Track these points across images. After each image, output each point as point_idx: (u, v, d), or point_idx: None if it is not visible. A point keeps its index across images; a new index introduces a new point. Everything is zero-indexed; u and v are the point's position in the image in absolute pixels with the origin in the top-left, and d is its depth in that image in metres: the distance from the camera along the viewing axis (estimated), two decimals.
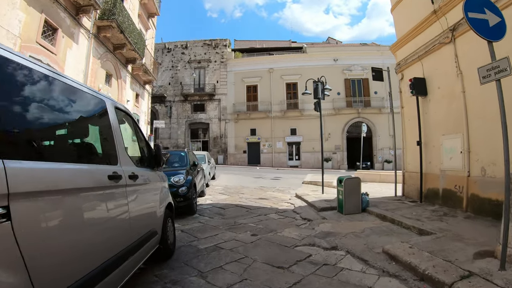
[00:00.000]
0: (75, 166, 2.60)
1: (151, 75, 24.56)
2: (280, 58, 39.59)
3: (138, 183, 3.85)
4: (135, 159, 4.16)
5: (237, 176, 21.24)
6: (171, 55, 41.36)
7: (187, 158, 9.97)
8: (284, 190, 14.51)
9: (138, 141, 4.69)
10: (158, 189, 4.82)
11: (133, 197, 3.63)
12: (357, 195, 8.89)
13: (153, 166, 4.77)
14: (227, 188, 14.65)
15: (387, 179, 19.19)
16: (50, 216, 2.14)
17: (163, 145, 39.16)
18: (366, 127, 29.57)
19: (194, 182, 9.18)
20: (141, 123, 24.85)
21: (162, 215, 4.80)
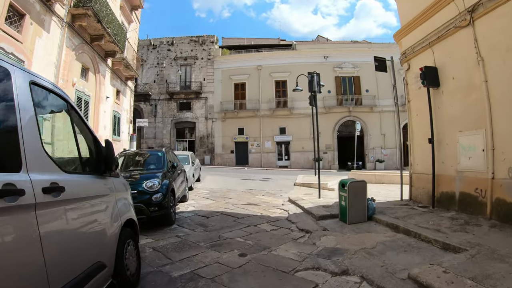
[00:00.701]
0: None
1: (133, 71, 23.12)
2: (269, 55, 38.35)
3: (66, 199, 2.50)
4: (65, 161, 2.83)
5: (224, 177, 19.90)
6: (157, 51, 39.85)
7: (165, 159, 8.62)
8: (275, 193, 13.22)
9: (82, 136, 3.33)
10: (109, 203, 3.46)
11: (52, 223, 2.31)
12: (362, 201, 7.65)
13: (103, 171, 3.43)
14: (212, 192, 13.31)
15: (384, 179, 18.15)
16: None
17: (148, 145, 37.74)
18: (360, 125, 28.43)
19: (172, 187, 7.85)
20: (123, 121, 23.43)
21: (114, 240, 3.43)
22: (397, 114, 11.50)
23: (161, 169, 8.17)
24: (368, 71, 36.32)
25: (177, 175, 9.09)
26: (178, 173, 9.40)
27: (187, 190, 11.00)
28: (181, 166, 10.85)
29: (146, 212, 6.81)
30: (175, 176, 8.78)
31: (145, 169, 8.32)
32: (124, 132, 23.73)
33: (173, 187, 7.95)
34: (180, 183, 9.39)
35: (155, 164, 8.59)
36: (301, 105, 35.29)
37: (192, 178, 14.04)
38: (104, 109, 19.36)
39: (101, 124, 18.60)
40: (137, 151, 10.14)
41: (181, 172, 10.16)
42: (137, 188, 6.92)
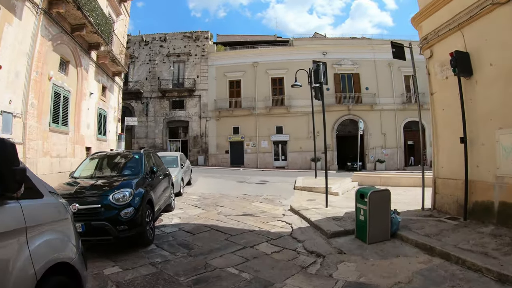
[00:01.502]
0: None
1: (121, 66, 21.55)
2: (265, 51, 36.91)
3: None
4: None
5: (217, 180, 18.39)
6: (149, 48, 38.25)
7: (142, 163, 7.11)
8: (273, 199, 11.71)
9: None
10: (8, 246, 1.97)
11: None
12: (385, 215, 6.19)
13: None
14: (203, 198, 11.79)
15: (390, 182, 16.78)
16: None
17: (140, 145, 36.16)
18: (363, 124, 27.07)
19: (149, 197, 6.36)
20: (110, 120, 21.90)
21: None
22: (419, 112, 10.02)
23: (137, 175, 6.69)
24: (368, 68, 35.25)
25: (158, 181, 7.59)
26: (160, 178, 7.91)
27: (172, 198, 9.51)
28: (165, 170, 9.35)
29: (112, 232, 5.35)
30: (156, 183, 7.29)
31: (116, 176, 6.81)
32: (111, 132, 22.20)
33: (150, 197, 6.46)
34: (162, 191, 7.90)
35: (130, 169, 7.09)
36: (299, 103, 33.96)
37: (181, 183, 12.55)
38: (88, 106, 17.84)
39: (83, 122, 17.07)
40: (112, 152, 8.55)
41: (165, 177, 8.66)
42: (101, 202, 5.49)
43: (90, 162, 7.68)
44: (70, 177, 7.30)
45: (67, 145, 15.23)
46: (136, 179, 6.37)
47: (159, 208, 7.44)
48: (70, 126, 15.59)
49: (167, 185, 8.76)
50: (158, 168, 8.02)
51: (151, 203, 6.48)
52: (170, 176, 9.61)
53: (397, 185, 16.07)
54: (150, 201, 6.43)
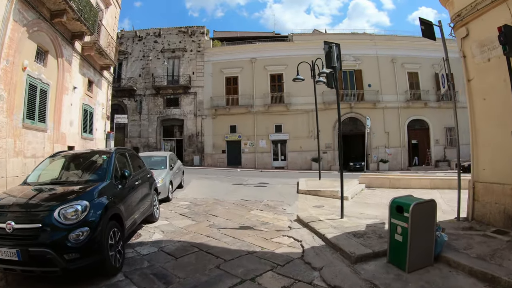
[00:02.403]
0: None
1: (109, 58, 19.97)
2: (263, 46, 35.43)
3: None
4: None
5: (212, 182, 16.83)
6: (142, 43, 36.67)
7: (110, 166, 5.52)
8: (275, 206, 10.14)
9: None
10: None
11: None
12: (429, 234, 4.65)
13: None
14: (194, 205, 10.23)
15: (400, 183, 15.38)
16: None
17: (132, 144, 34.61)
18: (370, 121, 25.61)
19: (115, 211, 4.82)
20: (97, 117, 20.35)
21: None
22: (454, 107, 8.48)
23: (100, 182, 5.11)
24: (371, 65, 33.92)
25: (133, 189, 6.00)
26: (136, 184, 6.34)
27: (156, 206, 7.95)
28: (148, 173, 7.80)
29: (57, 262, 3.81)
30: (128, 191, 5.74)
31: (75, 183, 5.22)
32: (98, 130, 20.64)
33: (118, 211, 4.89)
34: (139, 200, 6.33)
35: (95, 174, 5.49)
36: (299, 101, 32.54)
37: (170, 187, 10.99)
38: (71, 102, 16.29)
39: (65, 119, 15.51)
40: (78, 151, 6.85)
41: (145, 182, 7.10)
42: (43, 220, 3.95)
43: (50, 164, 6.11)
44: (23, 182, 5.77)
45: (45, 144, 13.68)
46: (98, 187, 4.80)
47: (133, 222, 5.87)
48: (49, 123, 14.03)
49: (148, 192, 7.21)
50: (135, 171, 6.53)
51: (119, 218, 4.93)
52: (154, 181, 8.06)
53: (408, 187, 14.57)
54: (118, 216, 4.87)
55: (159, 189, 10.07)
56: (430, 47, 34.84)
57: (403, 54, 34.45)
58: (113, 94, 34.99)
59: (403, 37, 35.94)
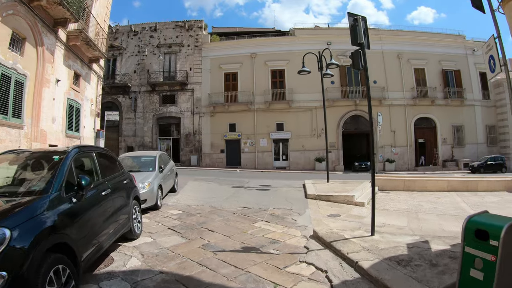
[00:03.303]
0: None
1: (97, 50, 18.41)
2: (264, 41, 33.92)
3: None
4: None
5: (209, 185, 15.26)
6: (138, 38, 35.15)
7: (60, 173, 3.83)
8: (284, 215, 8.56)
9: None
10: None
11: None
12: None
13: None
14: (187, 214, 8.64)
15: (414, 186, 14.25)
16: None
17: (127, 144, 33.06)
18: (381, 117, 24.11)
19: (62, 240, 3.22)
20: (85, 114, 18.83)
21: None
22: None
23: (43, 194, 3.49)
24: (376, 60, 32.39)
25: (93, 203, 4.33)
26: (103, 195, 4.73)
27: (137, 219, 6.36)
28: (126, 178, 6.19)
29: None
30: (85, 207, 4.02)
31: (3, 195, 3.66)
32: (87, 128, 19.10)
33: (64, 239, 3.26)
34: (109, 215, 4.69)
35: (38, 183, 3.85)
36: (301, 98, 31.11)
37: (159, 192, 9.42)
38: (53, 96, 14.77)
39: (45, 114, 13.97)
40: (27, 151, 5.09)
41: (117, 191, 5.45)
42: None
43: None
44: None
45: (20, 142, 12.16)
46: (35, 204, 3.22)
47: (97, 248, 4.25)
48: (26, 119, 12.53)
49: (124, 202, 5.64)
50: (105, 177, 4.99)
51: (69, 249, 3.37)
52: (133, 188, 6.48)
53: (424, 189, 13.48)
54: (65, 246, 3.32)
55: (146, 195, 8.54)
56: (437, 42, 33.85)
57: (409, 49, 33.21)
58: (107, 92, 33.61)
59: (409, 32, 34.86)
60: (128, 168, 10.23)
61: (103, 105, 31.46)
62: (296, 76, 31.69)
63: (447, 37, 34.37)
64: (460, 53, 33.83)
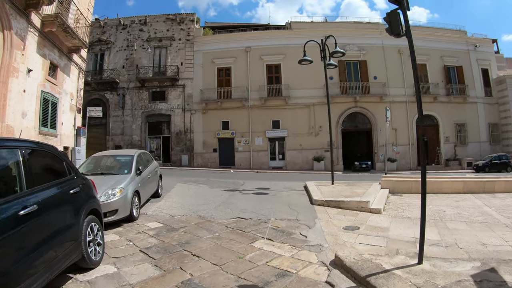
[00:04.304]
0: None
1: (77, 38, 16.69)
2: (259, 34, 32.29)
3: None
4: None
5: (200, 188, 13.52)
6: (127, 32, 33.22)
7: None
8: (290, 230, 6.79)
9: None
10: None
11: None
12: None
13: None
14: (168, 229, 6.85)
15: (428, 187, 12.19)
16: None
17: (115, 143, 31.24)
18: (390, 112, 22.64)
19: None
20: (63, 109, 17.13)
21: None
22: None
23: None
24: (376, 55, 31.16)
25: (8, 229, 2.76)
26: (20, 216, 3.06)
27: (95, 241, 4.64)
28: (69, 187, 4.29)
29: None
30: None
31: None
32: (65, 124, 17.38)
33: None
34: (36, 244, 3.13)
35: None
36: (298, 94, 29.56)
37: (135, 200, 7.69)
38: (23, 87, 13.13)
39: (12, 108, 12.29)
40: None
41: (57, 207, 3.69)
42: None
43: None
44: None
45: None
46: None
47: None
48: None
49: (70, 222, 3.95)
50: (26, 188, 3.32)
51: None
52: (88, 201, 4.76)
53: (438, 191, 12.01)
54: None
55: (117, 204, 6.86)
56: (438, 38, 32.55)
57: None
58: (94, 88, 31.81)
59: (410, 27, 33.21)
60: (98, 170, 8.53)
61: (89, 102, 29.80)
62: (293, 71, 30.85)
63: (448, 33, 33.41)
64: (462, 49, 32.84)
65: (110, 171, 8.43)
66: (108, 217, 6.84)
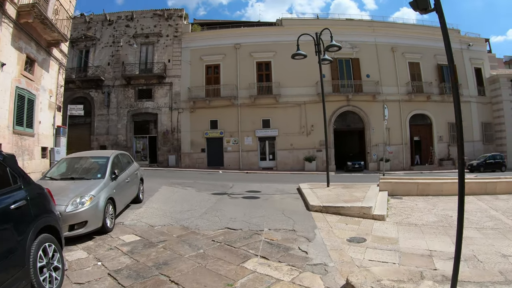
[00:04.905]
0: None
1: (57, 31, 15.62)
2: (249, 31, 31.50)
3: None
4: None
5: (186, 191, 12.51)
6: (113, 28, 32.04)
7: None
8: (287, 244, 5.85)
9: None
10: None
11: None
12: None
13: None
14: (144, 244, 5.89)
15: (428, 189, 12.46)
16: None
17: (99, 143, 30.06)
18: (387, 110, 21.93)
19: None
20: (41, 107, 16.07)
21: None
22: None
23: None
24: (369, 53, 30.57)
25: None
26: None
27: (50, 267, 3.67)
28: (9, 199, 3.35)
29: None
30: None
31: None
32: (43, 123, 16.30)
33: None
34: None
35: None
36: (290, 92, 28.73)
37: (109, 208, 6.70)
38: None
39: None
40: None
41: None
42: None
43: None
44: None
45: None
46: None
47: None
48: None
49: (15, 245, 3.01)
50: None
51: None
52: (37, 217, 3.77)
53: (439, 193, 11.64)
54: None
55: (86, 215, 5.93)
56: (432, 36, 31.88)
57: (403, 42, 31.46)
58: (78, 86, 30.54)
59: (403, 25, 33.48)
60: (69, 174, 7.55)
61: (73, 100, 28.57)
62: (284, 69, 29.87)
63: (439, 30, 32.65)
64: (455, 48, 32.35)
65: (82, 176, 7.42)
66: (76, 230, 5.90)
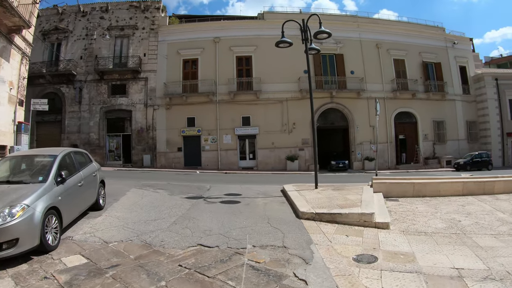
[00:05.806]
0: None
1: (18, 16, 14.00)
2: (229, 24, 30.35)
3: None
4: None
5: (156, 194, 11.03)
6: (86, 20, 30.07)
7: None
8: (278, 270, 4.50)
9: None
10: None
11: None
12: None
13: None
14: (89, 272, 4.37)
15: (425, 190, 11.04)
16: None
17: (71, 141, 28.16)
18: (379, 105, 20.92)
19: None
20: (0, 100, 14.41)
21: None
22: None
23: None
24: (353, 49, 29.78)
25: None
26: None
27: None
28: None
29: None
30: None
31: None
32: (2, 118, 14.67)
33: None
34: None
35: None
36: (271, 88, 27.53)
37: (51, 221, 5.19)
38: None
39: None
40: None
41: None
42: None
43: None
44: None
45: None
46: None
47: None
48: None
49: None
50: None
51: None
52: None
53: (436, 194, 10.90)
54: None
55: (17, 230, 4.65)
56: (417, 33, 31.47)
57: (388, 39, 30.95)
58: (48, 81, 28.52)
59: (388, 21, 33.12)
60: (6, 177, 6.06)
61: (44, 96, 26.63)
62: (265, 64, 28.29)
63: (427, 29, 33.17)
64: (441, 46, 32.58)
65: (20, 179, 5.94)
66: (5, 251, 4.47)
